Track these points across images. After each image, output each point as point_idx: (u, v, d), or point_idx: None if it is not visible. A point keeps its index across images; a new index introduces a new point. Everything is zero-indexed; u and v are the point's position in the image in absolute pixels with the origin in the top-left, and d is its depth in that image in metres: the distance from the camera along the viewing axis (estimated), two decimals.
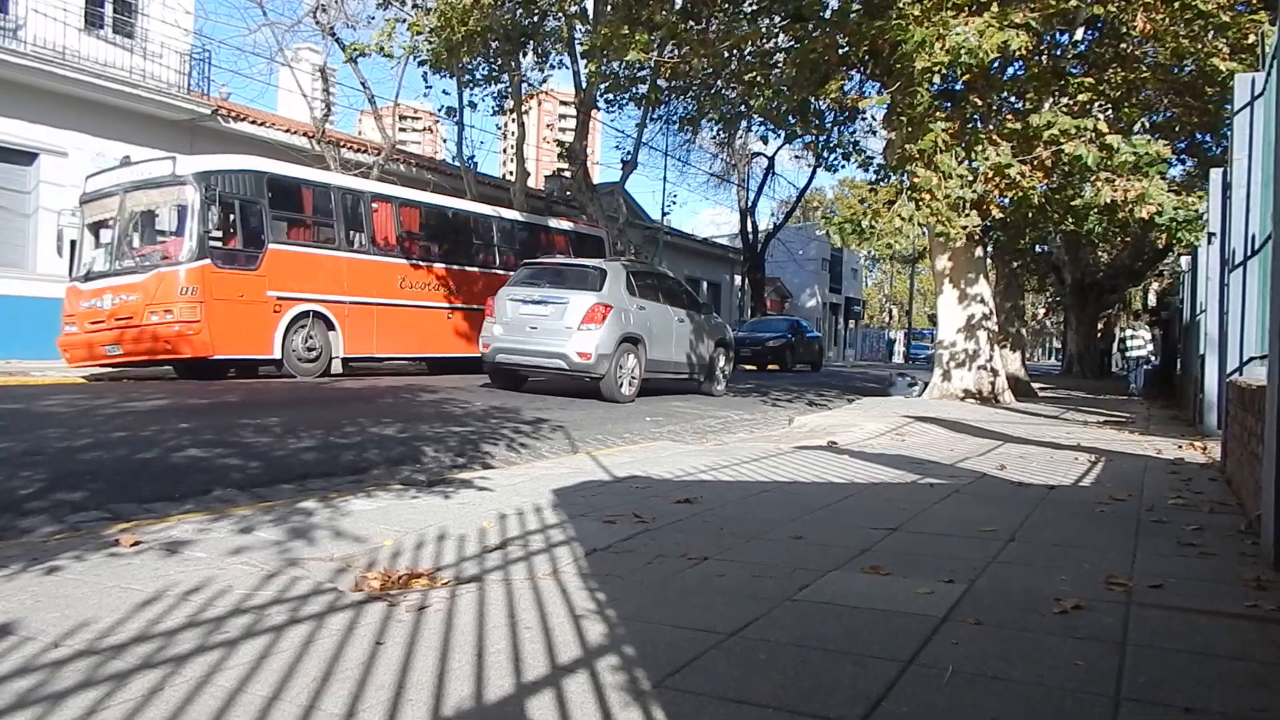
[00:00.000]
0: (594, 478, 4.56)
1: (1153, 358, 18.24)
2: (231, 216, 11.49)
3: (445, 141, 27.88)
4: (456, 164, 21.19)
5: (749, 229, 31.59)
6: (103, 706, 1.63)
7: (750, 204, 32.02)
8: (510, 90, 20.00)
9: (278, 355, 11.85)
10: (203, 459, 5.09)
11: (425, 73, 17.10)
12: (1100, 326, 31.93)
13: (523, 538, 3.11)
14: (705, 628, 2.12)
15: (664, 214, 29.43)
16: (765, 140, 20.10)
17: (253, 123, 17.26)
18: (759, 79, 11.73)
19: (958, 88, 10.83)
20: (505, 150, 44.39)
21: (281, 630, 2.08)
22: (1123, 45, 10.86)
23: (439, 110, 21.13)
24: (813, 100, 12.08)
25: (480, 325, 15.09)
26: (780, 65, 11.85)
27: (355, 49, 16.36)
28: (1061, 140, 9.05)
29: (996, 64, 10.02)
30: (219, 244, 11.27)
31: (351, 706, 1.66)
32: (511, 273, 16.23)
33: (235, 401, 8.57)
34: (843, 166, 26.69)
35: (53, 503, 3.80)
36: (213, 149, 14.54)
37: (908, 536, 3.25)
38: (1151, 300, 35.85)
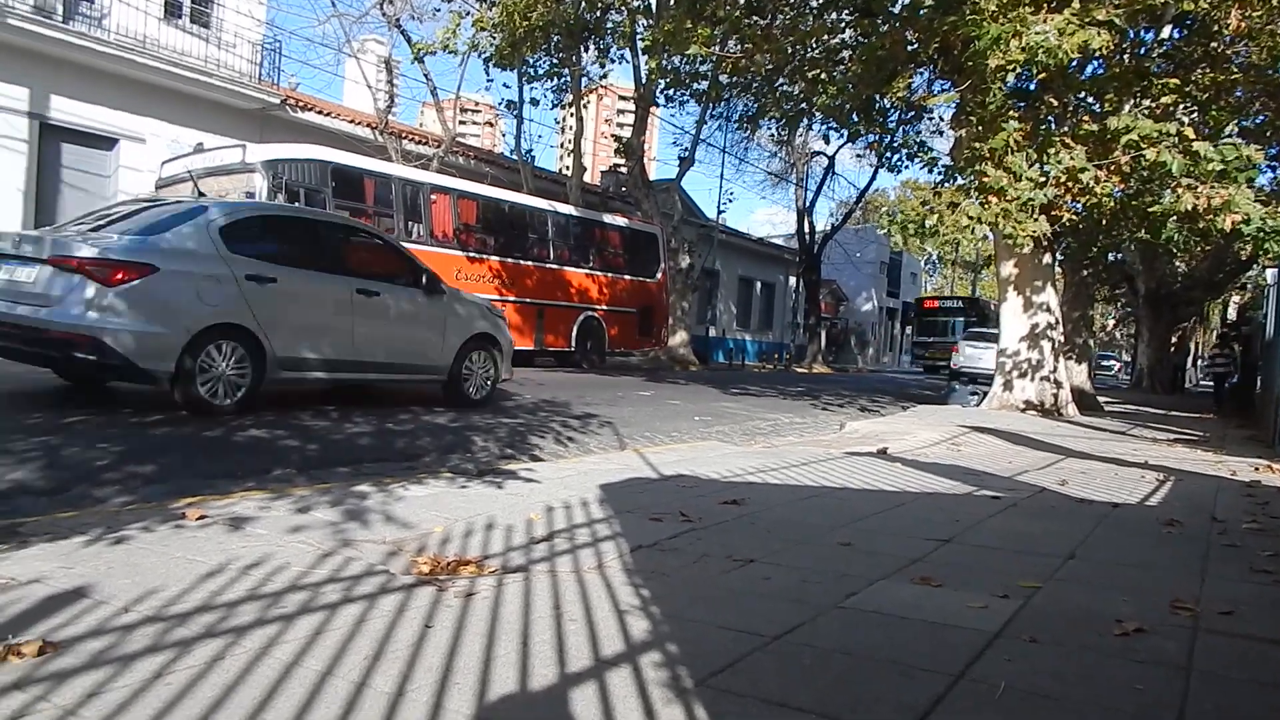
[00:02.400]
0: (641, 475, 4.56)
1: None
2: (296, 204, 11.74)
3: (504, 135, 28.13)
4: (515, 158, 21.35)
5: (806, 229, 31.27)
6: (169, 671, 1.70)
7: (808, 204, 31.67)
8: (570, 85, 20.08)
9: None
10: (264, 440, 5.22)
11: (487, 67, 17.27)
12: (1174, 340, 30.97)
13: (569, 531, 3.13)
14: (749, 630, 2.11)
15: (719, 212, 29.30)
16: (827, 139, 19.84)
17: (319, 113, 17.60)
18: (823, 76, 11.59)
19: (1032, 87, 10.55)
20: (563, 145, 44.61)
21: (335, 608, 2.13)
22: (1213, 44, 10.41)
23: (499, 104, 21.31)
24: (878, 98, 11.90)
25: (532, 319, 15.29)
26: (846, 62, 11.70)
27: (421, 47, 16.60)
28: (1142, 145, 8.72)
29: (1075, 63, 9.74)
30: None
31: (401, 686, 1.69)
32: (565, 267, 16.43)
33: (294, 386, 8.76)
34: (906, 167, 26.28)
35: (126, 475, 3.94)
36: (281, 138, 14.87)
37: (961, 548, 3.19)
38: (1231, 314, 34.64)
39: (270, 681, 1.68)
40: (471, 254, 14.52)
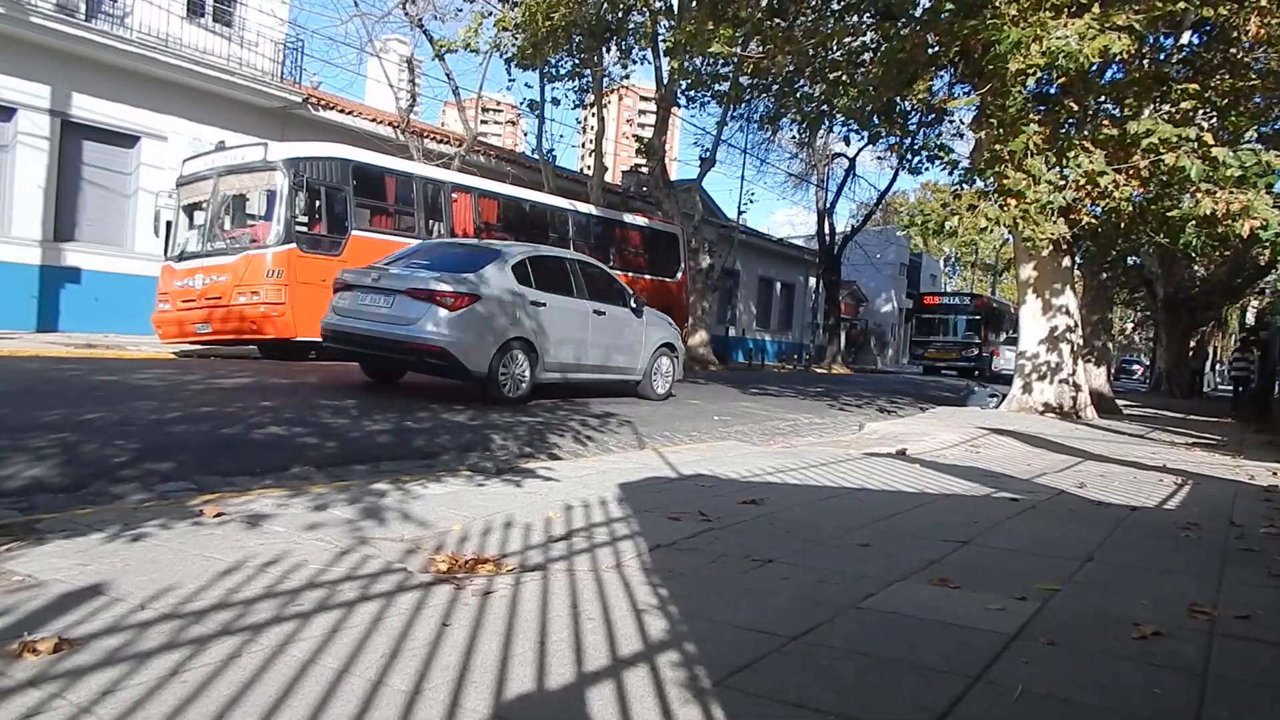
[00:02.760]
0: (660, 474, 4.56)
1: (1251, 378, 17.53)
2: (317, 203, 11.81)
3: (525, 134, 28.18)
4: (536, 157, 21.40)
5: (826, 230, 31.18)
6: (185, 668, 1.71)
7: (829, 205, 31.60)
8: (591, 85, 20.11)
9: None
10: (283, 437, 5.25)
11: (509, 66, 17.33)
12: (1193, 344, 30.66)
13: (587, 530, 3.13)
14: (767, 630, 2.11)
15: (740, 213, 29.27)
16: (847, 141, 19.81)
17: (341, 111, 17.71)
18: (844, 78, 11.56)
19: (1052, 91, 10.49)
20: (584, 144, 44.62)
21: (353, 606, 2.14)
22: (1232, 50, 10.36)
23: (520, 103, 21.36)
24: (899, 101, 11.85)
25: None
26: (866, 64, 11.66)
27: (443, 45, 16.66)
28: (1161, 150, 8.68)
29: (1095, 67, 9.67)
30: (305, 229, 11.60)
31: (417, 684, 1.69)
32: None
33: (315, 383, 8.82)
34: (926, 169, 26.34)
35: (143, 472, 3.97)
36: (303, 136, 14.97)
37: (979, 550, 3.18)
38: (1250, 319, 34.23)
39: (286, 679, 1.68)
40: None
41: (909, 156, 15.48)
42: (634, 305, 9.77)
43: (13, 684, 1.59)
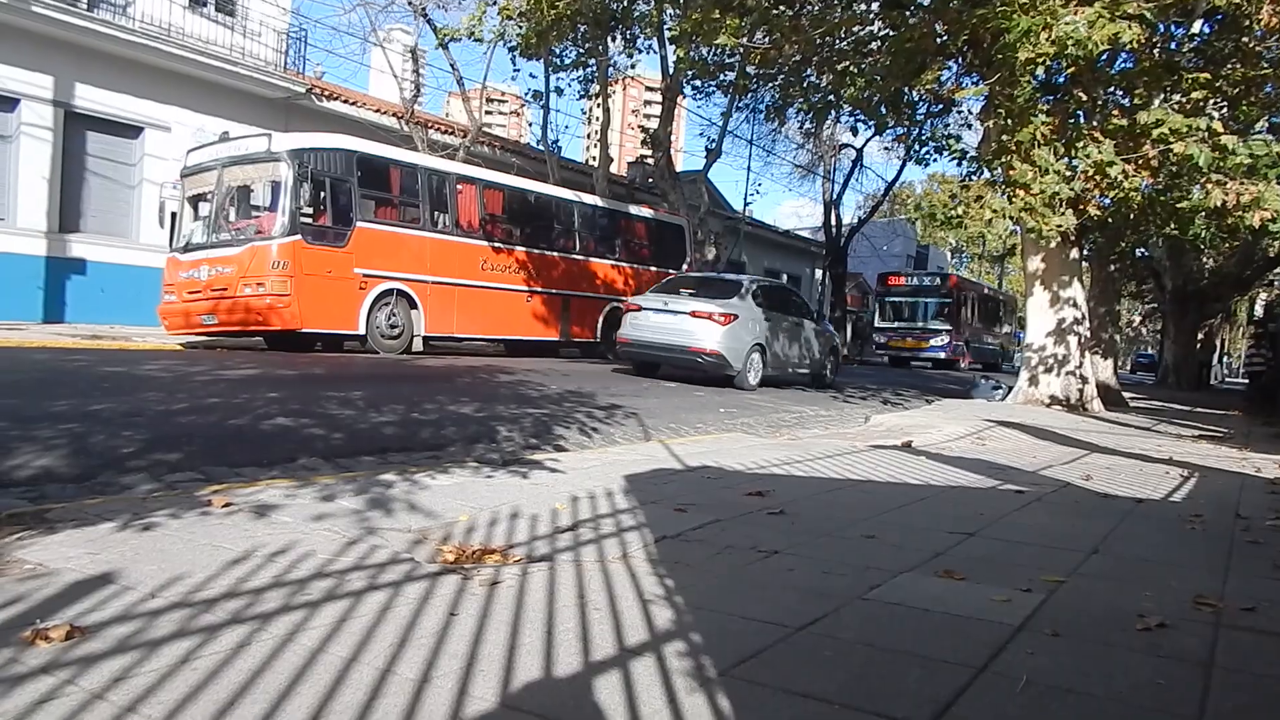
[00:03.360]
0: (666, 466, 4.57)
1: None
2: (322, 194, 11.82)
3: (530, 125, 28.16)
4: (541, 148, 21.38)
5: (833, 222, 31.12)
6: (195, 656, 1.72)
7: (835, 196, 31.53)
8: (596, 75, 20.07)
9: (362, 331, 12.17)
10: (290, 428, 5.27)
11: (513, 56, 17.29)
12: (1200, 336, 30.54)
13: (594, 521, 3.14)
14: (772, 621, 2.12)
15: (746, 204, 29.25)
16: (855, 131, 19.77)
17: (345, 102, 17.71)
18: (851, 68, 11.51)
19: (1061, 80, 10.43)
20: (589, 135, 44.55)
21: (360, 595, 2.15)
22: (1244, 39, 10.29)
23: (525, 94, 21.33)
24: (906, 90, 11.81)
25: (557, 309, 15.37)
26: (874, 54, 11.61)
27: (446, 33, 16.63)
28: (1170, 140, 8.63)
29: (1105, 57, 9.61)
30: (309, 220, 11.62)
31: (425, 673, 1.71)
32: (591, 258, 16.45)
33: (321, 374, 8.85)
34: (934, 160, 26.16)
35: (151, 462, 3.99)
36: (306, 127, 14.98)
37: (984, 542, 3.18)
38: (1258, 311, 34.09)
39: (295, 668, 1.69)
40: (497, 244, 14.57)
41: (916, 147, 15.41)
42: (815, 318, 14.09)
43: (25, 670, 1.61)
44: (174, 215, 12.81)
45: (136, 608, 1.97)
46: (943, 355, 27.52)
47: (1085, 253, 13.42)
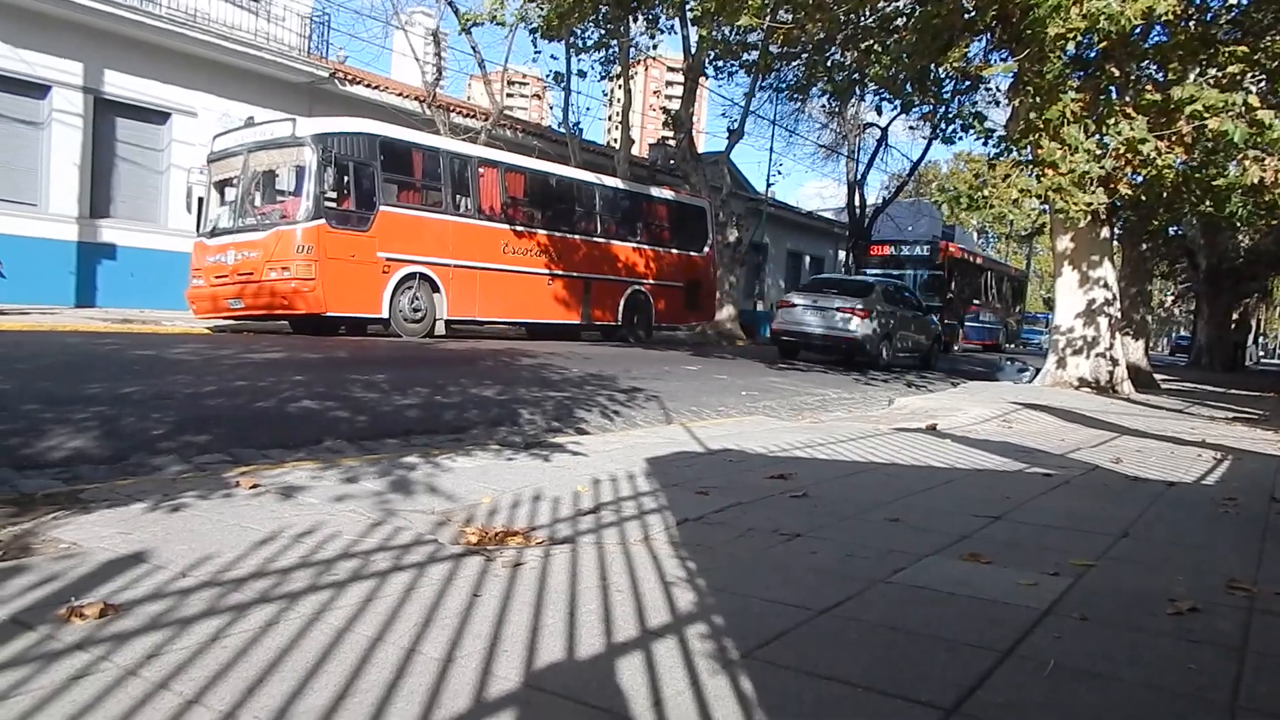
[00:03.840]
0: (687, 449, 4.57)
1: None
2: (346, 178, 11.86)
3: (552, 108, 28.08)
4: (562, 130, 21.33)
5: (856, 203, 30.84)
6: (225, 634, 1.74)
7: (859, 177, 31.21)
8: (618, 56, 19.96)
9: (385, 315, 12.25)
10: (315, 410, 5.32)
11: (535, 38, 17.22)
12: (1235, 317, 30.04)
13: (615, 503, 3.14)
14: (795, 603, 2.11)
15: (768, 185, 29.03)
16: (879, 110, 19.51)
17: (368, 86, 17.73)
18: (876, 46, 11.36)
19: (1092, 55, 10.23)
20: (610, 117, 44.42)
21: (385, 576, 2.17)
22: None
23: (546, 76, 21.27)
24: (933, 68, 11.63)
25: (579, 293, 15.43)
26: (900, 31, 11.44)
27: (469, 18, 16.60)
28: (1206, 115, 8.41)
29: (1138, 30, 9.39)
30: (334, 205, 11.67)
31: (449, 653, 1.72)
32: (613, 241, 16.43)
33: (345, 358, 8.92)
34: (961, 139, 25.62)
35: (181, 444, 4.04)
36: (330, 111, 15.04)
37: (1011, 526, 3.15)
38: None
39: (323, 646, 1.71)
40: (519, 227, 14.58)
41: (943, 126, 15.20)
42: (923, 309, 17.63)
43: (61, 647, 1.64)
44: (200, 200, 12.93)
45: (168, 586, 2.00)
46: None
47: (1116, 232, 13.19)
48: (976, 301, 28.79)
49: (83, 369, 6.45)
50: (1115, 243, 13.36)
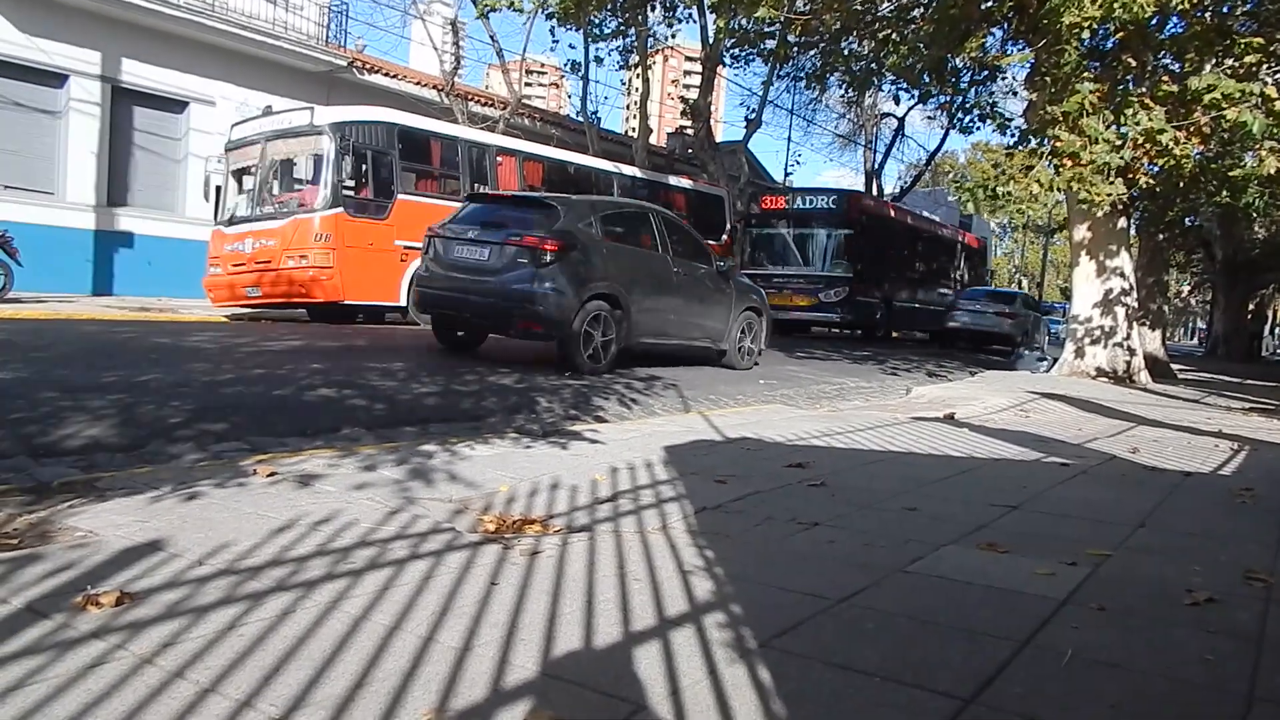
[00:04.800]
0: (705, 437, 4.57)
1: None
2: (364, 167, 11.86)
3: (570, 97, 28.03)
4: (580, 119, 21.28)
5: (874, 192, 30.67)
6: (241, 622, 1.75)
7: (877, 166, 31.05)
8: (636, 45, 19.88)
9: (403, 303, 12.26)
10: (333, 399, 5.34)
11: (553, 27, 17.17)
12: (1252, 307, 29.74)
13: (633, 492, 3.15)
14: (813, 592, 2.11)
15: (786, 174, 28.91)
16: (897, 100, 19.44)
17: (386, 75, 17.74)
18: (894, 36, 11.29)
19: (1109, 45, 10.13)
20: (628, 106, 44.29)
21: (403, 564, 2.18)
22: None
23: (564, 65, 21.22)
24: (950, 58, 11.55)
25: None
26: (917, 21, 11.36)
27: (487, 4, 16.56)
28: (1223, 105, 8.33)
29: (1154, 20, 9.30)
30: (351, 193, 11.68)
31: (467, 641, 1.72)
32: None
33: (363, 346, 8.95)
34: (978, 129, 25.15)
35: (198, 432, 4.07)
36: (348, 100, 15.04)
37: (1028, 515, 3.14)
38: None
39: (340, 634, 1.72)
40: None
41: (960, 116, 15.12)
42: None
43: (77, 635, 1.65)
44: (218, 189, 12.98)
45: (184, 575, 2.01)
46: (838, 316, 18.70)
47: (1133, 222, 13.07)
48: (911, 273, 22.47)
49: (100, 357, 6.50)
50: (1132, 233, 13.24)
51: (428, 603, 1.92)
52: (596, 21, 18.27)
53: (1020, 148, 10.46)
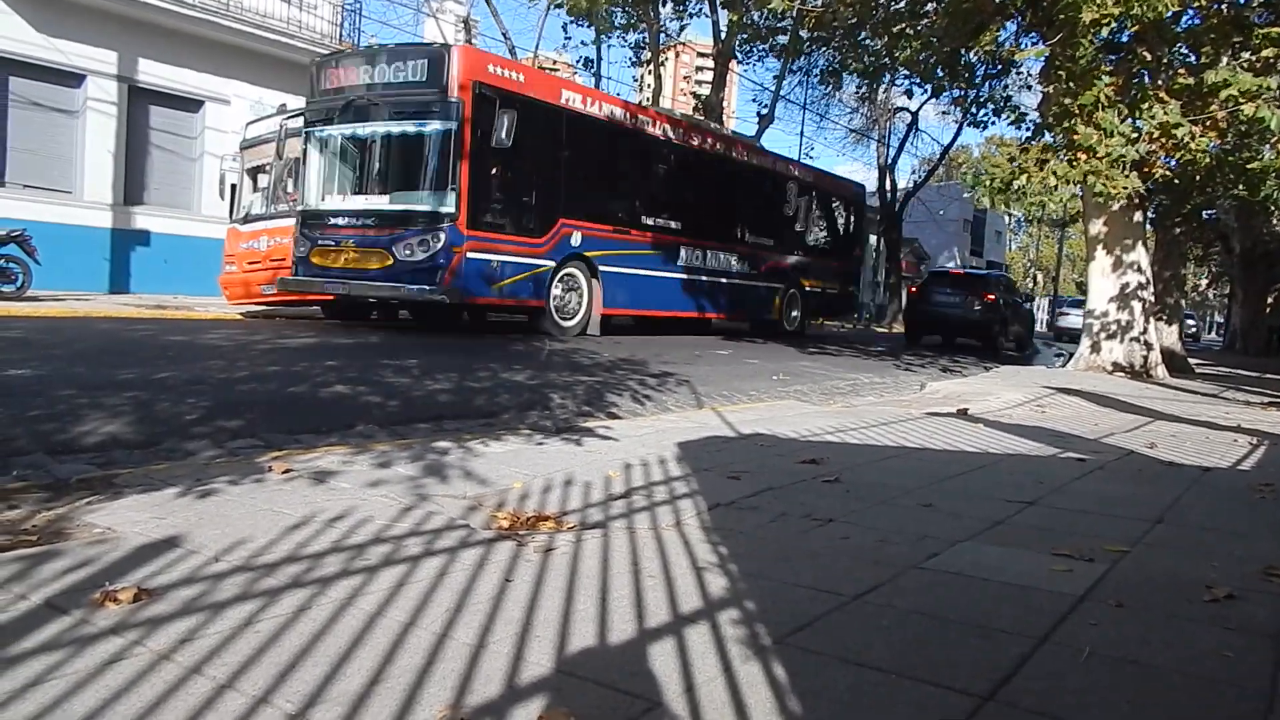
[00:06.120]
0: (719, 433, 4.56)
1: None
2: None
3: None
4: None
5: (887, 187, 30.54)
6: (258, 619, 1.76)
7: (890, 161, 30.92)
8: (647, 41, 19.86)
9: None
10: (346, 395, 5.36)
11: (565, 24, 17.17)
12: (1270, 300, 29.42)
13: (647, 488, 3.14)
14: (828, 589, 2.10)
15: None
16: (910, 94, 19.30)
17: None
18: (907, 30, 11.22)
19: (1125, 39, 10.05)
20: (641, 103, 44.17)
21: (417, 561, 2.18)
22: None
23: (576, 62, 21.21)
24: (964, 52, 11.47)
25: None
26: (930, 15, 11.29)
27: None
28: (1240, 100, 8.26)
29: (1170, 14, 9.21)
30: None
31: (482, 638, 1.72)
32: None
33: (377, 343, 8.98)
34: (992, 123, 24.86)
35: (213, 429, 4.09)
36: None
37: (1044, 511, 3.11)
38: None
39: (355, 631, 1.72)
40: None
41: (974, 110, 15.03)
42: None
43: (95, 631, 1.66)
44: (234, 187, 13.04)
45: (201, 571, 2.02)
46: (431, 286, 9.96)
47: (1149, 216, 12.96)
48: (641, 215, 13.03)
49: (116, 355, 6.55)
50: (1149, 226, 13.13)
51: (442, 599, 1.92)
52: (607, 14, 18.25)
53: (1035, 141, 10.40)
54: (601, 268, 11.90)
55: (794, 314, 16.75)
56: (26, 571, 1.94)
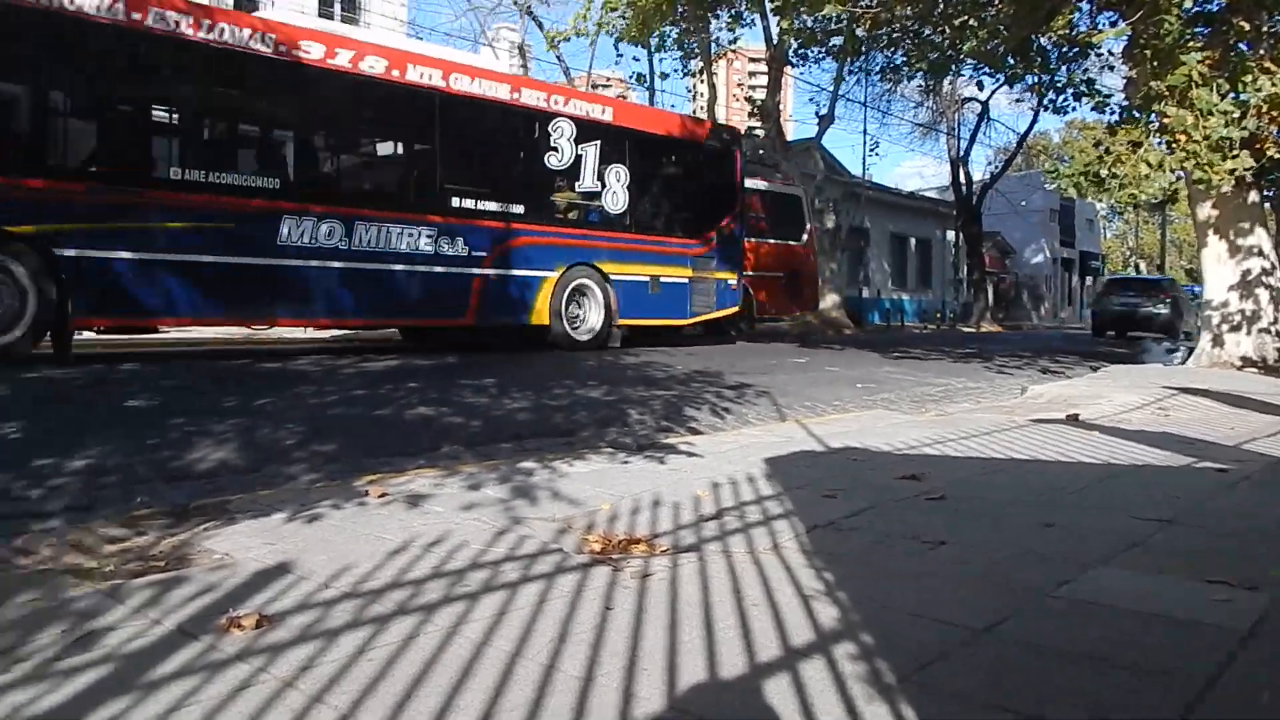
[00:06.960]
0: (806, 447, 4.42)
1: None
2: None
3: None
4: None
5: (961, 180, 29.77)
6: (369, 647, 1.76)
7: (962, 153, 30.15)
8: (699, 52, 19.76)
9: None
10: (431, 417, 5.40)
11: (617, 45, 17.22)
12: None
13: (738, 508, 3.04)
14: (949, 621, 1.96)
15: (864, 168, 28.36)
16: (980, 85, 18.71)
17: None
18: (971, 21, 10.80)
19: (1215, 8, 9.48)
20: (695, 112, 44.07)
21: (516, 587, 2.15)
22: None
23: (629, 77, 21.27)
24: (1035, 38, 11.02)
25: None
26: (996, 4, 10.86)
27: (553, 35, 16.72)
28: None
29: None
30: None
31: (589, 670, 1.66)
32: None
33: (454, 363, 9.08)
34: (1073, 109, 23.87)
35: (310, 453, 4.16)
36: None
37: (1186, 530, 2.84)
38: None
39: (463, 661, 1.70)
40: None
41: (1051, 96, 14.44)
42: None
43: (224, 657, 1.69)
44: None
45: (313, 597, 2.04)
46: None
47: (1267, 195, 12.05)
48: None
49: (219, 383, 6.76)
50: (1267, 206, 12.28)
51: (544, 628, 1.87)
52: (659, 34, 18.17)
53: (1123, 124, 9.85)
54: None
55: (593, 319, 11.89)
56: (158, 597, 2.02)
